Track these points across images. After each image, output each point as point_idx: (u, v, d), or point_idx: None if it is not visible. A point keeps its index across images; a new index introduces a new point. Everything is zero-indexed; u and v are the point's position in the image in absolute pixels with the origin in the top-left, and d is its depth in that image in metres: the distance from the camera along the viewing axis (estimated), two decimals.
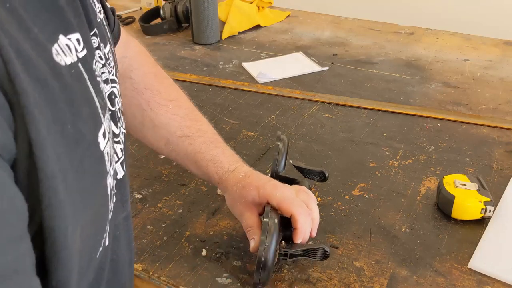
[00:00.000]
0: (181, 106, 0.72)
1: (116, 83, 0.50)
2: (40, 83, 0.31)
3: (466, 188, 0.71)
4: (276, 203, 0.61)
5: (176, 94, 0.74)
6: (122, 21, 1.51)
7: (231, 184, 0.66)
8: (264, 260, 0.57)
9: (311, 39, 1.37)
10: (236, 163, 0.68)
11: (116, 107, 0.49)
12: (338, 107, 1.02)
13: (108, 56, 0.48)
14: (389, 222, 0.71)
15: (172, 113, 0.71)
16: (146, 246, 0.68)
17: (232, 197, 0.66)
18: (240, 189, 0.65)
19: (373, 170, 0.82)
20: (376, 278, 0.62)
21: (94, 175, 0.37)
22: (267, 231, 0.58)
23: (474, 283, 0.61)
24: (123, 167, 0.49)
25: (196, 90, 1.11)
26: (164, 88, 0.74)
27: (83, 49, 0.38)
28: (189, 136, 0.69)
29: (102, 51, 0.47)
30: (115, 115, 0.48)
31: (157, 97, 0.71)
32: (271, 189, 0.63)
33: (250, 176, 0.65)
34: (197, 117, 0.72)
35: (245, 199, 0.64)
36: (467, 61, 1.21)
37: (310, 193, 0.66)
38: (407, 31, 1.40)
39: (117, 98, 0.50)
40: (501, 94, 1.05)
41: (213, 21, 1.33)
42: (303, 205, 0.62)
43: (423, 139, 0.90)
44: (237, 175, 0.66)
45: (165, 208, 0.75)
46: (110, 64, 0.49)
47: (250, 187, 0.64)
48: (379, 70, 1.18)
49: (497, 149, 0.86)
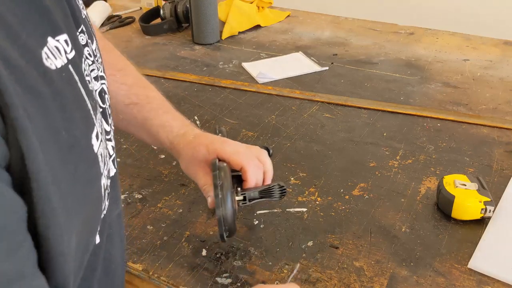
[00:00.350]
0: (128, 75, 0.72)
1: (104, 79, 0.50)
2: (31, 92, 0.31)
3: (466, 188, 0.71)
4: (226, 157, 0.63)
5: (123, 64, 0.74)
6: (122, 21, 1.51)
7: (182, 147, 0.67)
8: (224, 215, 0.58)
9: (311, 39, 1.37)
10: (186, 127, 0.69)
11: (106, 104, 0.49)
12: (338, 107, 1.02)
13: (95, 52, 0.48)
14: (389, 222, 0.71)
15: (120, 82, 0.70)
16: (146, 246, 0.68)
17: (185, 160, 0.67)
18: (191, 150, 0.65)
19: (373, 170, 0.82)
20: (376, 278, 0.62)
21: (89, 179, 0.37)
22: (218, 185, 0.58)
23: (474, 283, 0.61)
24: (114, 164, 0.49)
25: (196, 90, 1.11)
26: (111, 59, 0.73)
27: (71, 50, 0.37)
28: (137, 103, 0.69)
29: (90, 48, 0.46)
30: (106, 113, 0.48)
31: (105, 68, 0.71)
32: (220, 144, 0.64)
33: (200, 136, 0.66)
34: (145, 85, 0.72)
35: (196, 159, 0.65)
36: (467, 61, 1.21)
37: (261, 149, 0.68)
38: (407, 31, 1.40)
39: (107, 95, 0.50)
40: (501, 94, 1.05)
41: (213, 21, 1.33)
42: (253, 157, 0.64)
43: (423, 139, 0.90)
44: (187, 137, 0.67)
45: (165, 208, 0.75)
46: (98, 60, 0.49)
47: (200, 146, 0.65)
48: (379, 70, 1.17)
49: (497, 149, 0.86)
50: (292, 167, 0.83)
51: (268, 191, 0.64)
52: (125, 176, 0.82)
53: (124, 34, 1.45)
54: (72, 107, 0.35)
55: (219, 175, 0.59)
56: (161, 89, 1.11)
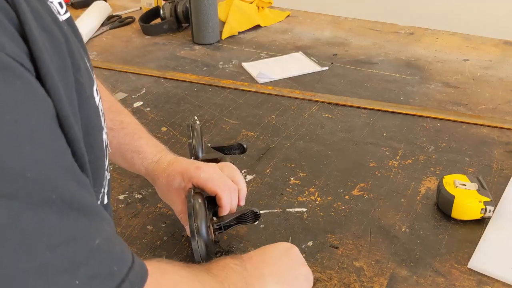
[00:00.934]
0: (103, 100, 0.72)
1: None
2: (47, 32, 0.33)
3: (466, 188, 0.71)
4: (201, 184, 0.64)
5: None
6: (122, 21, 1.51)
7: (157, 175, 0.67)
8: (200, 246, 0.60)
9: (311, 39, 1.37)
10: (159, 153, 0.69)
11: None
12: (338, 107, 1.02)
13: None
14: (389, 222, 0.71)
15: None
16: (146, 246, 0.68)
17: (160, 187, 0.68)
18: (166, 178, 0.66)
19: (373, 170, 0.82)
20: (376, 278, 0.62)
21: (94, 127, 0.39)
22: (192, 215, 0.60)
23: (474, 283, 0.61)
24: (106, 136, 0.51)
25: (196, 90, 1.11)
26: None
27: (66, 12, 0.40)
28: (112, 128, 0.69)
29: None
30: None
31: None
32: (194, 171, 0.64)
33: (173, 163, 0.67)
34: (119, 109, 0.72)
35: (172, 186, 0.66)
36: (467, 61, 1.21)
37: (234, 166, 0.68)
38: (407, 31, 1.40)
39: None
40: (500, 94, 1.05)
41: (213, 21, 1.33)
42: (227, 181, 0.65)
43: (423, 139, 0.90)
44: (161, 165, 0.67)
45: (165, 208, 0.75)
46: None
47: (174, 174, 0.65)
48: (379, 70, 1.17)
49: (497, 149, 0.86)
50: (292, 167, 0.83)
51: (243, 217, 0.65)
52: (125, 176, 0.82)
53: (124, 34, 1.45)
54: (77, 57, 0.37)
55: (193, 208, 0.61)
56: (161, 89, 1.11)
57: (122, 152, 0.69)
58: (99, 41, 1.39)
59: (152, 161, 0.68)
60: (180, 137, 0.93)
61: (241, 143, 0.76)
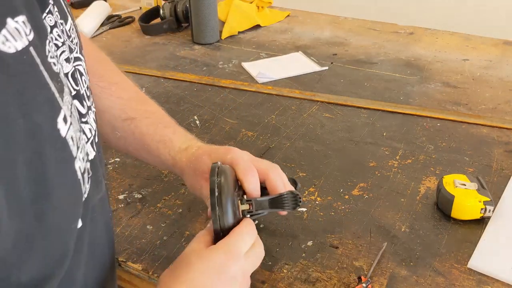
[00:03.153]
0: (125, 88, 0.68)
1: (81, 61, 0.48)
2: None
3: (465, 188, 0.71)
4: (230, 162, 0.57)
5: (119, 78, 0.69)
6: (122, 21, 1.51)
7: (185, 162, 0.61)
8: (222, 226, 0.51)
9: (311, 39, 1.37)
10: (189, 141, 0.64)
11: (81, 86, 0.47)
12: (337, 107, 1.02)
13: (70, 32, 0.46)
14: (389, 222, 0.71)
15: (116, 95, 0.66)
16: (146, 246, 0.68)
17: (189, 176, 0.62)
18: (194, 163, 0.61)
19: (373, 170, 0.82)
20: (375, 278, 0.62)
21: (58, 162, 0.36)
22: (215, 191, 0.50)
23: (474, 283, 0.61)
24: (93, 147, 0.47)
25: (195, 90, 1.11)
26: (107, 72, 0.69)
27: (30, 31, 0.35)
28: (134, 118, 0.64)
29: (61, 28, 0.44)
30: (81, 95, 0.46)
31: (99, 81, 0.66)
32: (224, 152, 0.59)
33: (202, 147, 0.62)
34: (144, 99, 0.68)
35: (199, 170, 0.60)
36: (466, 61, 1.21)
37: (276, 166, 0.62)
38: (406, 31, 1.40)
39: (84, 76, 0.48)
40: (500, 94, 1.05)
41: (213, 21, 1.33)
42: (260, 164, 0.59)
43: (422, 139, 0.90)
44: (190, 150, 0.62)
45: (164, 208, 0.75)
46: (72, 41, 0.46)
47: (202, 156, 0.60)
48: (378, 70, 1.17)
49: (496, 149, 0.86)
50: (292, 167, 0.83)
51: (279, 200, 0.55)
52: (125, 176, 0.82)
53: (124, 34, 1.45)
54: (32, 91, 0.34)
55: (218, 178, 0.51)
56: (160, 89, 1.11)
57: (146, 143, 0.64)
58: (98, 41, 1.39)
59: (180, 149, 0.62)
60: None
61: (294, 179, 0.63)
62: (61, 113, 0.37)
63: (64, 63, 0.43)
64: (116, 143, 0.68)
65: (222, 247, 0.50)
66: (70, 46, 0.46)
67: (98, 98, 0.64)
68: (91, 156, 0.46)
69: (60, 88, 0.38)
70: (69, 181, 0.38)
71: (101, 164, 0.51)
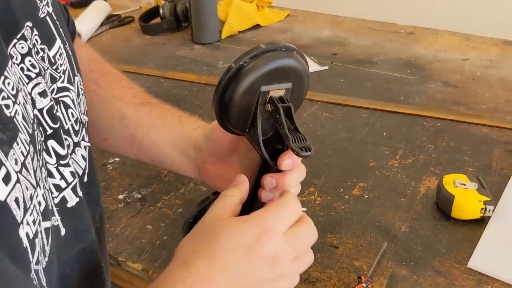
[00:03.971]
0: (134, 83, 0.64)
1: (68, 91, 0.43)
2: None
3: (465, 187, 0.71)
4: None
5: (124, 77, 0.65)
6: (122, 20, 1.51)
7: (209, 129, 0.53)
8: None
9: (311, 39, 1.37)
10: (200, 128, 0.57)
11: (64, 121, 0.41)
12: (337, 106, 1.02)
13: (55, 59, 0.41)
14: (389, 222, 0.71)
15: (126, 86, 0.62)
16: (146, 246, 0.68)
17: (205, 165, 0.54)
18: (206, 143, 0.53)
19: (373, 170, 0.82)
20: (375, 277, 0.62)
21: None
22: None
23: (474, 283, 0.61)
24: (76, 192, 0.41)
25: (195, 89, 1.11)
26: (113, 70, 0.65)
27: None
28: (150, 102, 0.59)
29: (41, 55, 0.39)
30: (59, 133, 0.40)
31: (106, 77, 0.62)
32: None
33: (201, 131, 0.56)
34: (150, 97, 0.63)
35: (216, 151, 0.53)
36: (466, 60, 1.21)
37: None
38: (406, 30, 1.40)
39: (72, 109, 0.42)
40: (500, 94, 1.05)
41: (213, 21, 1.33)
42: None
43: (422, 139, 0.90)
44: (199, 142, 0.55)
45: (164, 207, 0.75)
46: (58, 68, 0.41)
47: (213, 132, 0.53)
48: (378, 70, 1.17)
49: (496, 149, 0.86)
50: None
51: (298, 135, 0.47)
52: (124, 176, 0.82)
53: (124, 33, 1.45)
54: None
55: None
56: (160, 89, 1.11)
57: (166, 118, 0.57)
58: (98, 41, 1.39)
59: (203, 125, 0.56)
60: None
61: None
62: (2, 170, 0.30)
63: (38, 98, 0.38)
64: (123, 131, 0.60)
65: (254, 219, 0.40)
66: (53, 75, 0.40)
67: (107, 91, 0.60)
68: (71, 203, 0.41)
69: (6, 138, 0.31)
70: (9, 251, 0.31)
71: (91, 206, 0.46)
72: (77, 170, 0.43)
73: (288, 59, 0.43)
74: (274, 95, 0.46)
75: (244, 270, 0.39)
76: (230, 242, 0.39)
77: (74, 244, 0.41)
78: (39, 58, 0.38)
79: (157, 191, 0.79)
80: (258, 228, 0.39)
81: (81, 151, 0.44)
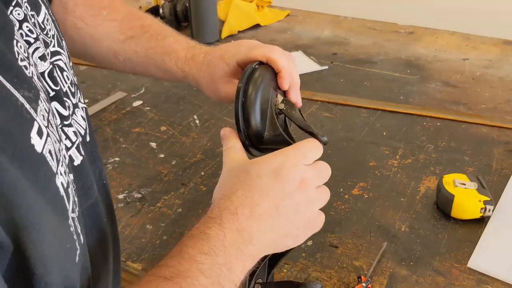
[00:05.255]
0: (116, 10, 0.65)
1: (60, 54, 0.44)
2: None
3: (465, 187, 0.71)
4: (247, 57, 0.54)
5: (108, 1, 0.66)
6: None
7: (196, 72, 0.59)
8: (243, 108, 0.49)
9: (311, 38, 1.37)
10: (193, 48, 0.60)
11: (62, 84, 0.43)
12: (337, 106, 1.02)
13: (44, 24, 0.42)
14: (389, 222, 0.71)
15: (109, 19, 0.63)
16: (146, 246, 0.68)
17: (206, 85, 0.59)
18: (207, 71, 0.58)
19: (373, 170, 0.82)
20: (375, 277, 0.62)
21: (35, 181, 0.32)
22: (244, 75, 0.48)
23: (474, 282, 0.61)
24: (80, 151, 0.43)
25: (195, 89, 1.11)
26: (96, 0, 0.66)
27: None
28: (133, 36, 0.62)
29: (33, 21, 0.40)
30: (61, 95, 0.42)
31: (90, 10, 0.64)
32: (235, 47, 0.56)
33: (210, 52, 0.59)
34: (138, 15, 0.65)
35: (216, 77, 0.57)
36: (466, 60, 1.21)
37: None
38: (406, 30, 1.40)
39: (66, 71, 0.44)
40: (500, 94, 1.05)
41: (213, 20, 1.33)
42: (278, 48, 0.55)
43: (422, 139, 0.90)
44: (197, 59, 0.59)
45: (164, 207, 0.75)
46: (48, 33, 0.42)
47: (214, 61, 0.57)
48: (378, 70, 1.17)
49: (496, 149, 0.86)
50: None
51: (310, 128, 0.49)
52: (124, 176, 0.82)
53: None
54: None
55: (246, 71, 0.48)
56: (160, 88, 1.11)
57: (151, 57, 0.61)
58: None
59: (186, 59, 0.59)
60: (179, 136, 0.93)
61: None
62: (35, 126, 0.32)
63: (38, 62, 0.39)
64: (123, 66, 0.65)
65: (276, 154, 0.46)
66: (45, 40, 0.42)
67: (92, 28, 0.63)
68: (76, 162, 0.43)
69: (31, 97, 0.33)
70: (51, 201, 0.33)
71: (96, 163, 0.48)
72: (79, 130, 0.45)
73: None
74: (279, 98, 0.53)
75: (277, 191, 0.44)
76: (260, 170, 0.45)
77: (84, 200, 0.44)
78: (32, 24, 0.40)
79: (157, 191, 0.79)
80: (282, 158, 0.45)
81: (80, 112, 0.46)
